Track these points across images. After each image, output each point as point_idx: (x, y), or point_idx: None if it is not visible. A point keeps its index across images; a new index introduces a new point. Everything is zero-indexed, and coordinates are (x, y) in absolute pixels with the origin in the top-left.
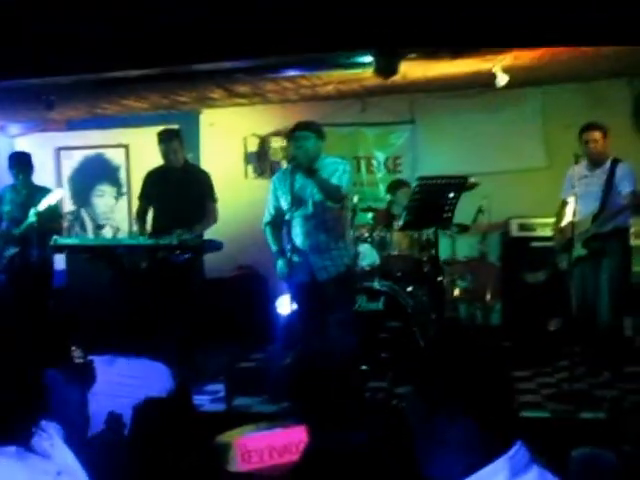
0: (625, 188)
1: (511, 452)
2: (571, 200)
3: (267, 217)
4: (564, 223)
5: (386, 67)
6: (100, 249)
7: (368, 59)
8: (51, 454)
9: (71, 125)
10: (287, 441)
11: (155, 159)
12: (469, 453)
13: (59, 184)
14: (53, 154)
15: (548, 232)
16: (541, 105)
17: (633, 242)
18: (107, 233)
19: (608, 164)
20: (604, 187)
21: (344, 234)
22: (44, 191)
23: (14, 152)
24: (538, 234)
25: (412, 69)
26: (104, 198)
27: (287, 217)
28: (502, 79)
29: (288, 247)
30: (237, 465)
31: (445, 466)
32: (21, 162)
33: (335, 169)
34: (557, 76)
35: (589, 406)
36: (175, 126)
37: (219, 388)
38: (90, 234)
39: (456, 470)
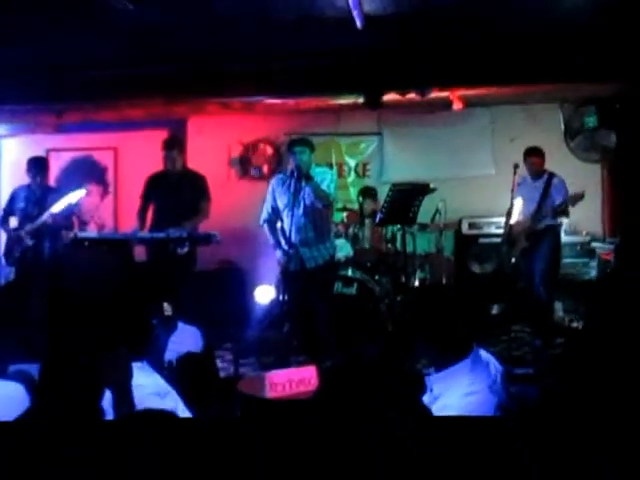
0: (557, 198)
1: (471, 354)
2: (518, 202)
3: (266, 215)
4: (512, 221)
5: (373, 103)
6: (117, 242)
7: None
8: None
9: (61, 128)
10: (302, 376)
11: (143, 161)
12: (445, 358)
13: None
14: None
15: (494, 230)
16: (489, 122)
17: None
18: (91, 229)
19: (546, 177)
20: (542, 194)
21: (329, 230)
22: (57, 191)
23: (32, 157)
24: (485, 232)
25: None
26: (90, 197)
27: (283, 215)
28: (457, 105)
29: (283, 240)
30: (267, 393)
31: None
32: (38, 166)
33: (324, 178)
34: (503, 99)
35: (522, 365)
36: (165, 131)
37: None
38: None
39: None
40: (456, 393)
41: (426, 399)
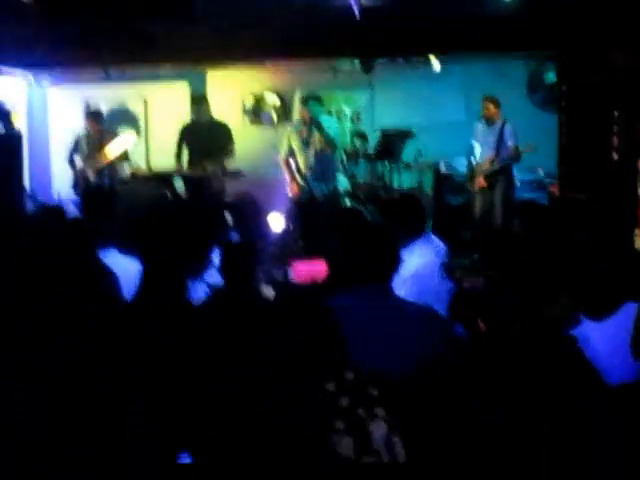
0: (510, 142)
1: (424, 236)
2: (476, 146)
3: (284, 155)
4: (473, 162)
5: (367, 68)
6: (166, 176)
7: None
8: None
9: (97, 79)
10: (317, 268)
11: (168, 110)
12: (407, 240)
13: None
14: (83, 103)
15: (467, 169)
16: (463, 77)
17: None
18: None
19: (500, 124)
20: (497, 139)
21: (334, 168)
22: (112, 134)
23: (91, 110)
24: (459, 170)
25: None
26: None
27: (297, 156)
28: (436, 65)
29: (297, 175)
30: (293, 277)
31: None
32: (94, 115)
33: (330, 126)
34: (475, 57)
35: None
36: (186, 84)
37: None
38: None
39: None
40: (415, 257)
41: None
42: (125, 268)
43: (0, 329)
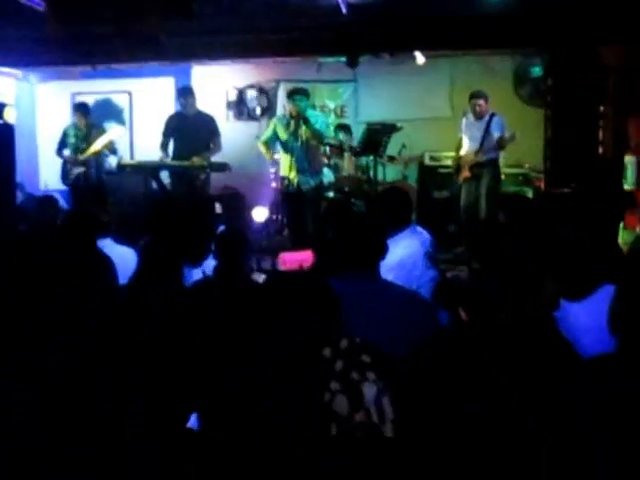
0: (496, 133)
1: (410, 227)
2: (464, 139)
3: (264, 138)
4: (460, 154)
5: (352, 63)
6: (152, 168)
7: None
8: None
9: (83, 75)
10: (303, 257)
11: (153, 103)
12: (393, 229)
13: None
14: (69, 98)
15: (450, 162)
16: (448, 72)
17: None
18: (112, 160)
19: (487, 117)
20: (483, 132)
21: (319, 161)
22: (99, 127)
23: (78, 102)
24: (443, 163)
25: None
26: None
27: (284, 149)
28: (420, 59)
29: (283, 168)
30: (280, 266)
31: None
32: (83, 108)
33: (317, 120)
34: (460, 52)
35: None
36: (171, 78)
37: None
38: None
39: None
40: (400, 247)
41: None
42: (121, 257)
43: (0, 329)
